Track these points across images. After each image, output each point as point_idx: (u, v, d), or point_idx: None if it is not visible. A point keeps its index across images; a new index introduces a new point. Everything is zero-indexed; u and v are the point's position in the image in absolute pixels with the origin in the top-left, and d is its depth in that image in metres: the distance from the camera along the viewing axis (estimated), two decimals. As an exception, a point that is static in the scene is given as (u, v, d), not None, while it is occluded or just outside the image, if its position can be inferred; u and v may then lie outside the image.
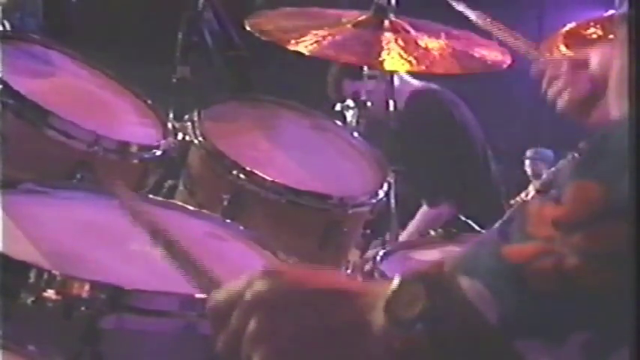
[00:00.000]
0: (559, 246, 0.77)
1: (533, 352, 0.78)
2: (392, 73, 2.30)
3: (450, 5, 1.92)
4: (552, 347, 0.77)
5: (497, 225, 0.84)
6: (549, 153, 6.16)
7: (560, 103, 1.52)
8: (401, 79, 2.99)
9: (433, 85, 3.19)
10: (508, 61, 2.01)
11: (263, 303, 0.88)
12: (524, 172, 6.15)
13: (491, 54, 2.06)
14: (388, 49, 2.00)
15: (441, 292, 0.81)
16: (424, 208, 3.22)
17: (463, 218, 2.44)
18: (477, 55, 2.05)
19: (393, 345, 0.82)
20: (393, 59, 1.98)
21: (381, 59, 1.98)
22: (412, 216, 3.17)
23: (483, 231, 2.25)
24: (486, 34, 2.13)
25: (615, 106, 1.16)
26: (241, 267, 1.51)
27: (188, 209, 1.79)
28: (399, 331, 0.82)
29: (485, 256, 0.81)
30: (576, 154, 1.48)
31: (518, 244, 0.79)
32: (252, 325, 0.87)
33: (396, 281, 0.84)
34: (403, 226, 3.02)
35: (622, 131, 0.77)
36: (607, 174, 0.76)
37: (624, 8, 1.03)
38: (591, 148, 0.79)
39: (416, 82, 3.15)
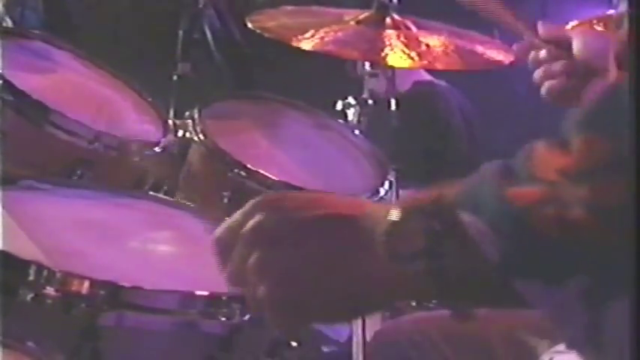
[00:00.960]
0: (565, 194, 0.76)
1: (533, 293, 0.77)
2: (393, 70, 2.29)
3: (451, 4, 1.92)
4: (552, 289, 0.76)
5: (498, 161, 0.82)
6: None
7: (545, 91, 1.51)
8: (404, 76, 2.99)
9: (425, 78, 3.18)
10: (511, 58, 2.01)
11: (263, 233, 0.87)
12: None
13: (494, 52, 2.05)
14: (391, 45, 1.99)
15: (442, 227, 0.80)
16: None
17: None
18: (479, 51, 2.04)
19: (393, 277, 0.82)
20: (396, 55, 1.98)
21: (383, 55, 1.98)
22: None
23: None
24: (488, 33, 2.13)
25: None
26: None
27: (188, 206, 1.78)
28: (399, 265, 0.81)
29: (488, 194, 0.79)
30: None
31: (522, 186, 0.78)
32: (254, 256, 0.86)
33: (394, 213, 0.82)
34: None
35: (623, 88, 0.75)
36: (614, 129, 0.75)
37: (622, 7, 1.03)
38: (600, 101, 0.78)
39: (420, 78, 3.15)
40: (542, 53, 1.50)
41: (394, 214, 0.83)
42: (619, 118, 0.75)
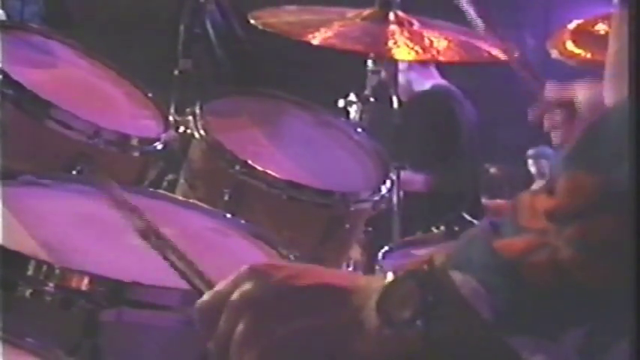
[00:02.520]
0: (553, 238, 0.75)
1: (528, 349, 0.76)
2: (396, 67, 2.29)
3: (453, 4, 1.91)
4: (548, 343, 0.76)
5: (485, 220, 0.82)
6: (550, 151, 6.15)
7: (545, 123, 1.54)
8: (408, 75, 3.02)
9: (442, 82, 3.22)
10: (514, 56, 2.00)
11: (251, 304, 0.85)
12: (528, 171, 6.15)
13: (496, 50, 2.05)
14: (394, 39, 1.99)
15: (434, 290, 0.79)
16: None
17: (466, 217, 2.43)
18: (482, 47, 2.04)
19: (387, 345, 0.80)
20: (400, 48, 1.98)
21: (387, 48, 1.97)
22: (415, 212, 3.18)
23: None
24: (491, 31, 2.12)
25: (610, 95, 1.16)
26: (242, 262, 1.49)
27: (188, 203, 1.77)
28: (393, 331, 0.80)
29: (477, 251, 0.79)
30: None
31: (510, 238, 0.77)
32: (240, 327, 0.84)
33: (387, 279, 0.82)
34: (405, 223, 3.02)
35: (613, 120, 0.75)
36: (599, 163, 0.74)
37: (622, 6, 1.02)
38: (582, 138, 0.77)
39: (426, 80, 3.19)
40: (556, 117, 1.54)
41: (386, 281, 0.81)
42: (601, 151, 0.74)
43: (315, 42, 1.98)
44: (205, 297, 0.90)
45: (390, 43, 1.99)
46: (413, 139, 2.98)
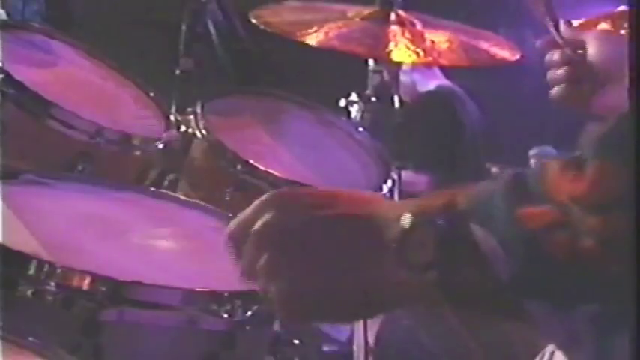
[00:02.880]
0: (576, 221, 0.75)
1: (543, 313, 0.77)
2: (398, 66, 2.29)
3: (454, 2, 1.91)
4: (561, 312, 0.76)
5: (511, 172, 0.81)
6: (552, 151, 6.14)
7: (556, 91, 1.50)
8: (412, 76, 3.02)
9: (446, 82, 3.22)
10: (516, 56, 2.00)
11: (274, 234, 0.86)
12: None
13: (499, 49, 2.05)
14: (395, 41, 1.99)
15: (454, 240, 0.79)
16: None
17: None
18: (484, 48, 2.04)
19: (403, 286, 0.81)
20: (400, 51, 1.97)
21: (388, 50, 1.97)
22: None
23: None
24: (493, 30, 2.12)
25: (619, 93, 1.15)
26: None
27: (190, 202, 1.77)
28: (409, 274, 0.81)
29: (500, 211, 0.79)
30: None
31: (534, 207, 0.77)
32: (263, 258, 0.85)
33: (406, 220, 0.81)
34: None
35: None
36: (631, 155, 0.73)
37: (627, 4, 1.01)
38: (617, 125, 0.77)
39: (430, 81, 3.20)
40: (556, 55, 1.49)
41: (406, 221, 0.81)
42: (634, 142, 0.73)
43: (315, 44, 1.97)
44: (232, 225, 0.90)
45: (391, 45, 1.98)
46: (416, 140, 2.98)
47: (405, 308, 0.85)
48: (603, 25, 1.70)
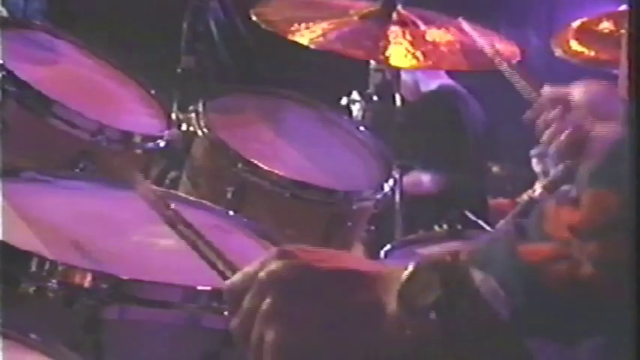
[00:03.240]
0: (576, 251, 0.76)
1: (545, 351, 0.77)
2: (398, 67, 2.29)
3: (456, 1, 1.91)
4: (563, 349, 0.77)
5: (510, 218, 0.84)
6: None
7: (552, 148, 1.55)
8: (415, 75, 3.03)
9: (449, 82, 3.21)
10: (517, 57, 2.00)
11: (277, 282, 0.87)
12: (531, 170, 6.14)
13: (500, 49, 2.04)
14: (395, 43, 1.98)
15: (455, 283, 0.81)
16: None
17: (469, 215, 2.43)
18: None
19: (405, 332, 0.82)
20: (400, 55, 1.97)
21: (387, 55, 1.96)
22: (417, 211, 3.18)
23: (489, 228, 2.24)
24: (494, 28, 2.11)
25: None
26: (245, 260, 1.49)
27: (191, 201, 1.77)
28: (412, 318, 0.82)
29: (500, 252, 0.80)
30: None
31: (534, 244, 0.79)
32: (265, 303, 0.86)
33: (410, 267, 0.83)
34: (407, 222, 3.02)
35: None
36: (623, 182, 0.75)
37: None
38: (608, 155, 0.79)
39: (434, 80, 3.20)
40: (543, 117, 1.56)
41: (410, 269, 0.83)
42: (626, 171, 0.75)
43: (315, 46, 1.97)
44: (234, 277, 0.92)
45: (391, 48, 1.98)
46: (420, 140, 2.98)
47: None
48: (605, 25, 1.70)
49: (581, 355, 0.76)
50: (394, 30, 2.05)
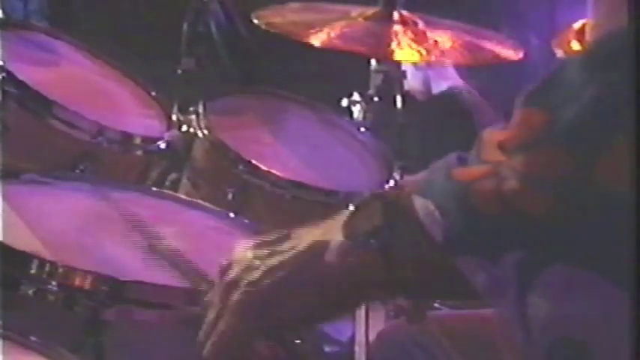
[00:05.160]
0: (503, 169, 0.79)
1: (470, 269, 0.80)
2: (399, 66, 2.29)
3: (457, 1, 1.92)
4: (488, 265, 0.79)
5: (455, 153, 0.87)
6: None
7: None
8: (426, 75, 3.02)
9: (460, 83, 3.22)
10: (519, 55, 2.00)
11: (239, 280, 0.94)
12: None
13: (502, 48, 2.05)
14: (398, 40, 1.99)
15: (396, 211, 0.85)
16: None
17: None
18: (487, 47, 2.04)
19: (347, 258, 0.87)
20: (404, 50, 1.97)
21: (390, 50, 1.97)
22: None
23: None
24: (496, 29, 2.12)
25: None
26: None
27: (191, 202, 1.77)
28: (354, 246, 0.86)
29: (438, 177, 0.84)
30: None
31: (469, 167, 0.82)
32: (227, 279, 0.95)
33: (356, 201, 0.89)
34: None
35: (574, 65, 0.79)
36: (552, 103, 0.78)
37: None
38: (544, 79, 0.81)
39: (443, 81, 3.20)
40: None
41: (355, 202, 0.89)
42: (558, 94, 0.77)
43: (317, 43, 1.98)
44: (209, 294, 0.98)
45: (393, 44, 1.99)
46: (431, 141, 2.97)
47: (361, 301, 0.92)
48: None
49: (504, 270, 0.78)
50: (396, 29, 2.05)
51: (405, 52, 1.98)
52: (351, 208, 0.89)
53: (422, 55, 1.98)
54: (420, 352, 1.54)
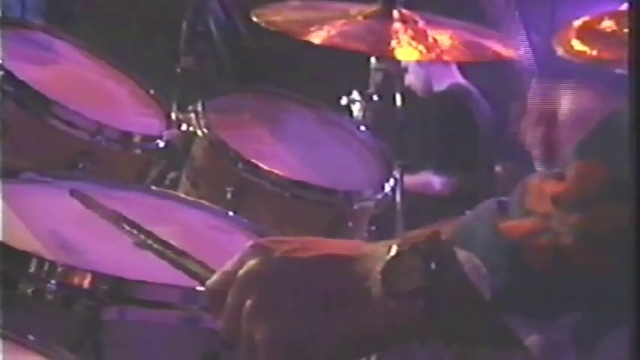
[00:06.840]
0: (556, 224, 0.76)
1: (524, 329, 0.77)
2: (399, 65, 2.29)
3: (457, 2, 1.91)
4: (544, 325, 0.77)
5: (493, 199, 0.83)
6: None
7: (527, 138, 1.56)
8: (428, 73, 3.02)
9: (462, 81, 3.21)
10: (519, 52, 2.00)
11: (257, 279, 0.86)
12: (534, 169, 6.16)
13: (501, 46, 2.04)
14: (398, 38, 1.99)
15: (439, 267, 0.80)
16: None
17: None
18: (486, 45, 2.04)
19: (390, 316, 0.81)
20: (404, 48, 1.97)
21: (391, 48, 1.97)
22: (418, 211, 3.17)
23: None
24: (496, 27, 2.11)
25: None
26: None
27: (191, 201, 1.76)
28: (396, 303, 0.81)
29: (482, 229, 0.80)
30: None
31: (515, 220, 0.78)
32: (248, 303, 0.85)
33: (392, 250, 0.82)
34: (409, 222, 3.02)
35: (625, 112, 0.74)
36: (610, 155, 0.75)
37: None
38: (597, 130, 0.79)
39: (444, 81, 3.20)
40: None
41: (392, 252, 0.82)
42: (614, 144, 0.74)
43: (318, 41, 1.97)
44: (213, 278, 0.90)
45: (393, 42, 1.98)
46: (432, 140, 2.97)
47: (397, 345, 0.85)
48: (607, 24, 1.69)
49: (561, 332, 0.76)
50: (396, 27, 2.05)
51: (405, 50, 1.98)
52: (389, 256, 0.81)
53: (422, 53, 1.98)
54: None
